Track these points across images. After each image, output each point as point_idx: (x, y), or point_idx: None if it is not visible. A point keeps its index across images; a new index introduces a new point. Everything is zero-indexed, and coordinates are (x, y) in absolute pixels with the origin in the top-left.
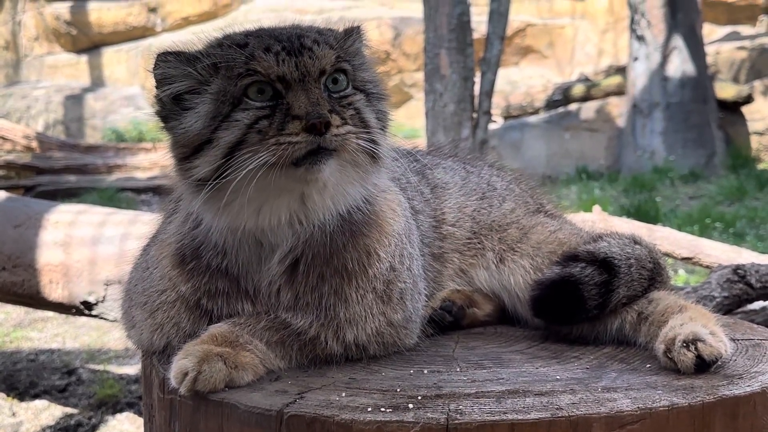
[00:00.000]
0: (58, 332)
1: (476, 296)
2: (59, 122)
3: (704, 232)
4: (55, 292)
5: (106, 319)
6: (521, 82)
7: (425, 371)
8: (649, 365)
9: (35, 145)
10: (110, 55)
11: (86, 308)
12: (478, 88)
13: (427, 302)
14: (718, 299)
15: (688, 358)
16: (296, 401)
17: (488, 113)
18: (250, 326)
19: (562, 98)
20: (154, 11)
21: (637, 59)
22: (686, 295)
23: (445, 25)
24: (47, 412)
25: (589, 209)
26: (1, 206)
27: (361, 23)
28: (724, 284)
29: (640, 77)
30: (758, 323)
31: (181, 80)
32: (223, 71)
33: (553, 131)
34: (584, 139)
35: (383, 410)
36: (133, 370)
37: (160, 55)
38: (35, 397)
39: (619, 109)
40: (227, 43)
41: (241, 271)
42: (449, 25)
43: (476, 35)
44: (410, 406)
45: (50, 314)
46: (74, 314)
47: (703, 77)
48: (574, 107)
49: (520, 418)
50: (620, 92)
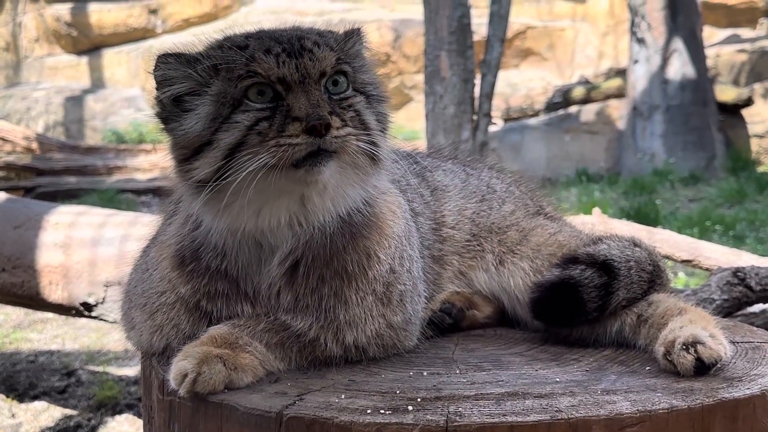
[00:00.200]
0: (57, 333)
1: (476, 298)
2: (59, 123)
3: (704, 234)
4: (54, 293)
5: (105, 320)
6: (521, 84)
7: (425, 373)
8: (648, 368)
9: (35, 146)
10: (110, 56)
11: (86, 309)
12: (478, 90)
13: (426, 304)
14: (717, 302)
15: (687, 360)
16: (296, 403)
17: (488, 115)
18: (249, 328)
19: (562, 100)
20: (154, 13)
21: (637, 62)
22: (686, 297)
23: (445, 27)
24: (46, 413)
25: (589, 212)
26: (1, 207)
27: (361, 25)
28: (723, 287)
29: (640, 80)
30: (758, 326)
31: (181, 82)
32: (223, 73)
33: (553, 133)
34: (584, 141)
35: (383, 412)
36: (132, 371)
37: (160, 56)
38: (35, 398)
39: (619, 111)
40: (227, 44)
41: (240, 272)
42: (449, 27)
43: (476, 37)
44: (410, 408)
45: (50, 315)
46: (74, 315)
47: (703, 80)
48: (574, 110)
49: (519, 420)
50: (620, 95)
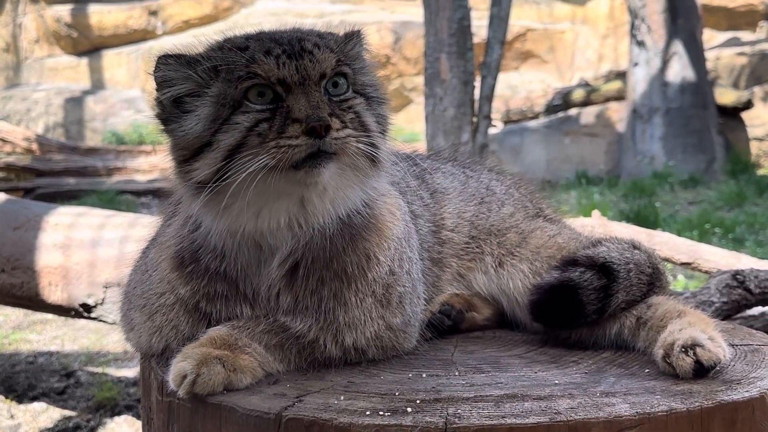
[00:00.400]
0: (56, 334)
1: (475, 300)
2: (59, 125)
3: (703, 237)
4: (54, 294)
5: (105, 321)
6: (521, 86)
7: (424, 375)
8: (647, 370)
9: (35, 147)
10: (111, 57)
11: (85, 311)
12: (478, 92)
13: (426, 306)
14: (717, 304)
15: (686, 363)
16: (295, 404)
17: (488, 118)
18: (249, 329)
19: (562, 103)
20: (154, 14)
21: (637, 64)
22: (685, 300)
23: (445, 29)
24: (45, 414)
25: (588, 214)
26: (0, 208)
27: (361, 27)
28: (723, 289)
29: (640, 82)
30: (757, 329)
31: (181, 83)
32: (223, 74)
33: (552, 136)
34: (584, 143)
35: (382, 414)
36: (131, 372)
37: (160, 57)
38: (34, 399)
39: (618, 114)
40: (228, 46)
41: (240, 274)
42: (450, 29)
43: (476, 40)
44: (409, 409)
45: (49, 316)
46: (73, 316)
47: (703, 83)
48: (574, 112)
49: (518, 422)
50: (620, 97)
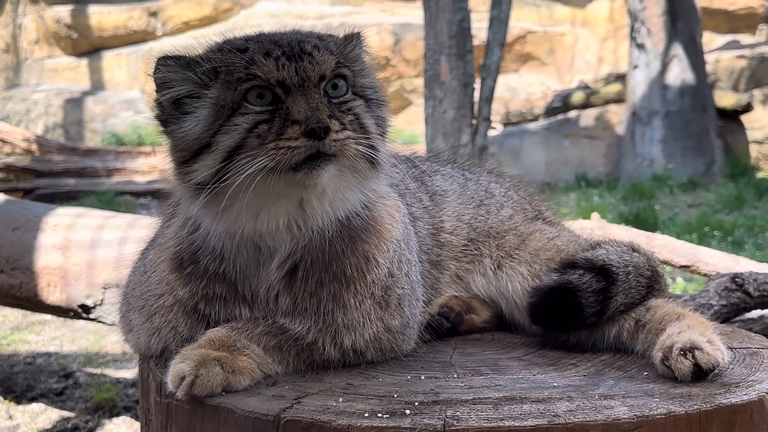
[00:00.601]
0: (55, 335)
1: (474, 302)
2: (59, 125)
3: (703, 240)
4: (52, 295)
5: (103, 322)
6: (521, 89)
7: (422, 377)
8: (646, 373)
9: (35, 148)
10: (110, 58)
11: (84, 312)
12: (477, 94)
13: (424, 308)
14: (716, 307)
15: (685, 366)
16: (293, 406)
17: (488, 120)
18: (247, 331)
19: (561, 105)
20: (154, 15)
21: (636, 67)
22: (684, 303)
23: (445, 31)
24: (44, 415)
25: (587, 216)
26: None
27: (361, 29)
28: (722, 293)
29: (639, 85)
30: (756, 332)
31: (181, 84)
32: (223, 76)
33: (552, 138)
34: (583, 146)
35: (380, 416)
36: (130, 374)
37: (160, 59)
38: (32, 400)
39: (618, 116)
40: (227, 47)
41: (238, 276)
42: (449, 31)
43: (476, 42)
44: (407, 411)
45: (48, 317)
46: (72, 317)
47: (702, 86)
48: (573, 114)
49: (517, 424)
50: (620, 100)
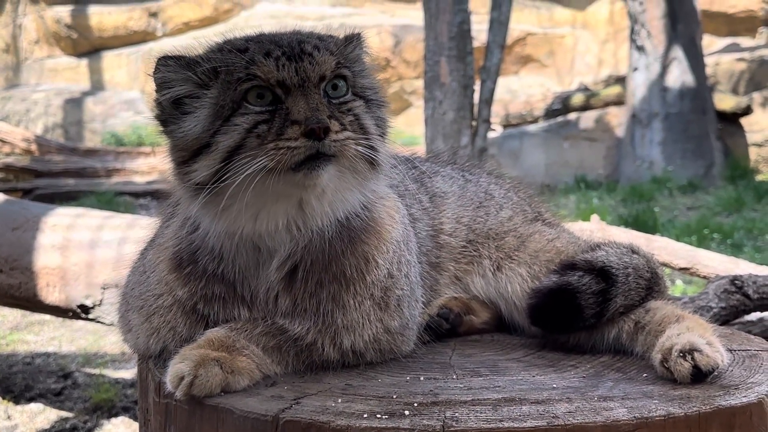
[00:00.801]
0: (54, 336)
1: (473, 304)
2: (58, 125)
3: (702, 242)
4: (52, 295)
5: (102, 322)
6: (521, 90)
7: (422, 378)
8: (645, 375)
9: (34, 148)
10: (110, 59)
11: (83, 312)
12: (477, 96)
13: (424, 309)
14: (715, 310)
15: (684, 367)
16: (292, 407)
17: (487, 121)
18: (246, 331)
19: (561, 107)
20: (155, 16)
21: (636, 69)
22: (683, 305)
23: (445, 33)
24: (42, 415)
25: (587, 219)
26: None
27: (361, 30)
28: (721, 295)
29: (639, 87)
30: (755, 335)
31: (181, 84)
32: (223, 76)
33: (552, 140)
34: (583, 148)
35: (379, 416)
36: (129, 374)
37: (160, 59)
38: (31, 400)
39: (618, 119)
40: (227, 47)
41: (237, 276)
42: (449, 33)
43: (476, 44)
44: (406, 412)
45: (47, 317)
46: (71, 318)
47: (702, 88)
48: (573, 116)
49: (516, 426)
50: (619, 102)
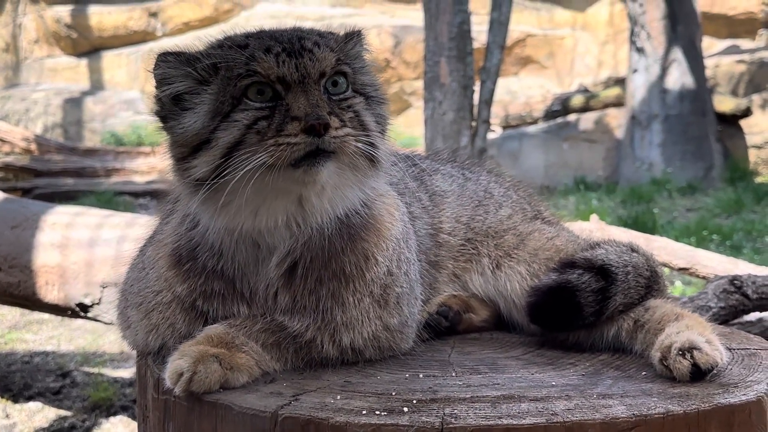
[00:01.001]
0: (53, 334)
1: (473, 302)
2: (58, 125)
3: (701, 244)
4: (51, 293)
5: (101, 321)
6: (520, 92)
7: (421, 375)
8: (644, 373)
9: (34, 147)
10: (110, 58)
11: (82, 310)
12: (477, 97)
13: (423, 307)
14: (714, 309)
15: (683, 366)
16: (291, 403)
17: (487, 122)
18: (246, 328)
19: (561, 109)
20: (154, 16)
21: (636, 71)
22: (683, 305)
23: (445, 33)
24: (41, 414)
25: (586, 220)
26: None
27: (362, 28)
28: (720, 295)
29: (639, 89)
30: (754, 335)
31: (180, 80)
32: (223, 72)
33: (551, 141)
34: (583, 149)
35: (378, 413)
36: (127, 373)
37: (160, 55)
38: (29, 399)
39: (617, 120)
40: (227, 43)
41: (237, 273)
42: (449, 33)
43: (476, 44)
44: (405, 409)
45: (45, 316)
46: (70, 316)
47: (702, 90)
48: (572, 118)
49: (515, 423)
50: (619, 104)
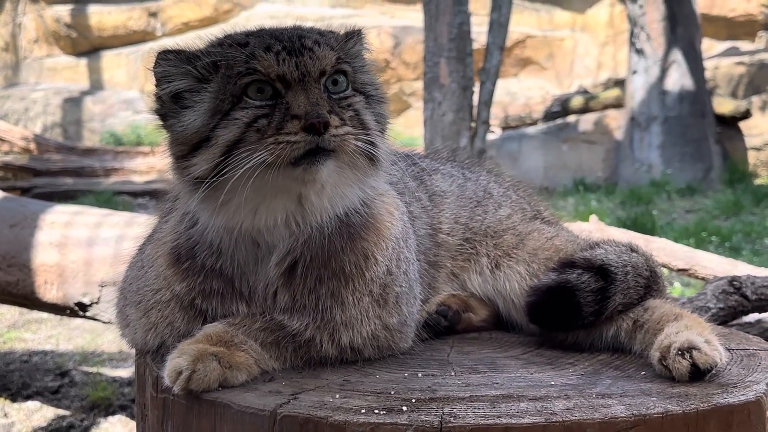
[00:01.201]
0: (51, 334)
1: (472, 301)
2: (57, 125)
3: (700, 245)
4: (49, 292)
5: (100, 320)
6: (520, 93)
7: (420, 375)
8: (644, 373)
9: (33, 147)
10: (110, 58)
11: (80, 309)
12: (476, 97)
13: (422, 307)
14: (713, 310)
15: (683, 365)
16: (290, 402)
17: (486, 123)
18: (245, 326)
19: (560, 110)
20: (154, 16)
21: (636, 72)
22: (682, 305)
23: (445, 34)
24: (39, 413)
25: (585, 221)
26: None
27: (362, 27)
28: (719, 295)
29: (638, 90)
30: (753, 335)
31: (180, 78)
32: (223, 70)
33: (550, 143)
34: (582, 151)
35: (377, 412)
36: (126, 372)
37: (160, 53)
38: (28, 398)
39: (617, 121)
40: (228, 42)
41: (236, 271)
42: (449, 34)
43: (476, 45)
44: (404, 408)
45: (44, 315)
46: (68, 315)
47: (701, 92)
48: (572, 119)
49: (513, 422)
50: (618, 105)
